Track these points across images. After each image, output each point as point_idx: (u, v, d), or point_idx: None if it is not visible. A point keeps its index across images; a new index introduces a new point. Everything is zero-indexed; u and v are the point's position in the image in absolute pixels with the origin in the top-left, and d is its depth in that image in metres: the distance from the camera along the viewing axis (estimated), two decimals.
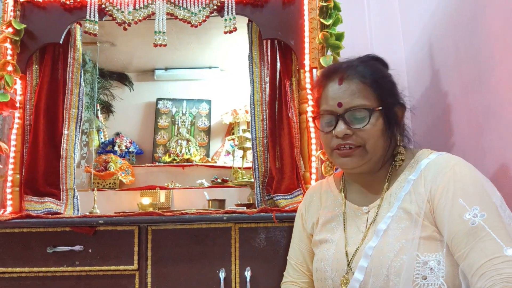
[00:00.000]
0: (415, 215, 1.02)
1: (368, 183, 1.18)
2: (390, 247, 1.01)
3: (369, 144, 1.09)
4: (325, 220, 1.22)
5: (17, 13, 1.82)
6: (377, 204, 1.12)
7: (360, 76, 1.12)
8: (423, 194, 1.04)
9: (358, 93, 1.10)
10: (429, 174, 1.05)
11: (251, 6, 1.81)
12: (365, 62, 1.17)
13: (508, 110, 1.18)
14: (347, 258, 1.10)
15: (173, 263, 1.54)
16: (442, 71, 1.64)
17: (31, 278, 1.55)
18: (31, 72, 1.85)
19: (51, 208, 1.76)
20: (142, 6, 1.83)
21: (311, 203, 1.31)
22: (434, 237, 1.00)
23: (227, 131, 3.04)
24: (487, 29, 1.27)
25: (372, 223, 1.10)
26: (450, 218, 0.97)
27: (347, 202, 1.21)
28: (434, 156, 1.09)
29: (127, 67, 3.00)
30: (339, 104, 1.11)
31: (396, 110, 1.15)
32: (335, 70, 1.16)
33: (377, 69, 1.16)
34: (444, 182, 1.01)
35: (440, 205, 1.00)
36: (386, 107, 1.11)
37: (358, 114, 1.09)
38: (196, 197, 2.36)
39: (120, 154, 2.81)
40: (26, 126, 1.81)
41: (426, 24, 1.77)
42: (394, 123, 1.12)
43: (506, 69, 1.17)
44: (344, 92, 1.11)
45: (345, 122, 1.10)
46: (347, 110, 1.10)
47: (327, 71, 1.19)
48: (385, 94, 1.12)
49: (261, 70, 1.87)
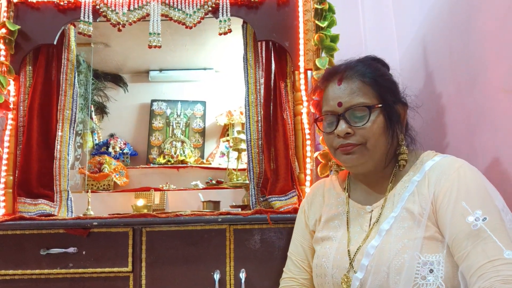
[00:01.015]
0: (418, 215, 1.03)
1: (372, 183, 1.19)
2: (392, 246, 1.02)
3: (370, 143, 1.10)
4: (328, 217, 1.23)
5: (10, 14, 1.81)
6: (381, 204, 1.13)
7: (359, 75, 1.13)
8: (426, 195, 1.05)
9: (357, 91, 1.11)
10: (433, 176, 1.06)
11: (246, 8, 1.81)
12: (364, 62, 1.19)
13: (501, 111, 1.18)
14: (349, 257, 1.10)
15: (167, 265, 1.54)
16: (436, 72, 1.64)
17: (25, 281, 1.54)
18: (25, 73, 1.84)
19: (44, 210, 1.75)
20: (137, 7, 1.82)
21: (314, 200, 1.32)
22: (436, 237, 1.00)
23: (221, 133, 3.03)
24: (481, 30, 1.27)
25: (375, 222, 1.11)
26: (452, 220, 0.98)
27: (350, 201, 1.21)
28: (439, 158, 1.10)
29: (122, 68, 2.99)
30: (339, 103, 1.12)
31: (398, 108, 1.15)
32: (334, 72, 1.18)
33: (376, 68, 1.17)
34: (447, 185, 1.02)
35: (442, 207, 1.01)
36: (387, 105, 1.12)
37: (358, 113, 1.10)
38: (190, 198, 2.35)
39: (114, 156, 2.80)
40: (19, 128, 1.80)
41: (420, 25, 1.78)
42: (395, 121, 1.13)
43: (500, 70, 1.18)
44: (343, 91, 1.13)
45: (346, 121, 1.11)
46: (347, 109, 1.11)
47: (326, 74, 1.20)
48: (384, 92, 1.13)
49: (256, 71, 1.87)
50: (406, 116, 1.19)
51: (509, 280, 0.87)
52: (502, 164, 1.19)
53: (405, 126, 1.20)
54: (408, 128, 1.21)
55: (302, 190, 1.71)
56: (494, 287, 0.87)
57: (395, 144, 1.15)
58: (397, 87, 1.19)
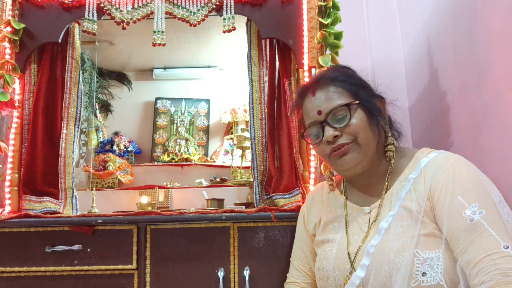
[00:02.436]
0: (416, 212, 1.04)
1: (368, 184, 1.19)
2: (392, 245, 1.02)
3: (360, 137, 1.11)
4: (327, 220, 1.24)
5: (15, 12, 1.81)
6: (379, 204, 1.14)
7: (330, 81, 1.17)
8: (423, 192, 1.05)
9: (332, 95, 1.15)
10: (429, 172, 1.07)
11: (250, 5, 1.81)
12: (331, 69, 1.25)
13: (506, 109, 1.18)
14: (349, 258, 1.11)
15: (172, 262, 1.54)
16: (441, 70, 1.64)
17: (30, 278, 1.54)
18: (30, 71, 1.85)
19: (49, 207, 1.75)
20: (141, 5, 1.82)
21: (313, 204, 1.33)
22: (435, 234, 1.01)
23: (226, 131, 3.04)
24: (486, 28, 1.27)
25: (374, 222, 1.12)
26: (449, 215, 0.98)
27: (348, 203, 1.22)
28: (434, 155, 1.10)
29: (126, 66, 3.00)
30: (319, 112, 1.15)
31: (375, 102, 1.17)
32: (306, 87, 1.23)
33: (343, 71, 1.21)
34: (443, 180, 1.03)
35: (439, 202, 1.02)
36: (364, 100, 1.14)
37: (339, 114, 1.13)
38: (195, 196, 2.36)
39: (119, 154, 2.81)
40: (24, 126, 1.81)
41: (425, 23, 1.77)
42: (377, 114, 1.15)
43: (504, 69, 1.17)
44: (319, 100, 1.16)
45: (330, 125, 1.13)
46: (327, 114, 1.14)
47: (299, 92, 1.25)
48: (358, 90, 1.16)
49: (260, 69, 1.87)
50: (386, 109, 1.21)
51: (508, 273, 0.87)
52: (508, 162, 1.18)
53: (389, 121, 1.21)
54: (392, 122, 1.23)
55: (306, 188, 1.70)
56: (493, 280, 0.88)
57: (383, 138, 1.17)
58: (368, 85, 1.21)
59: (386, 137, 1.17)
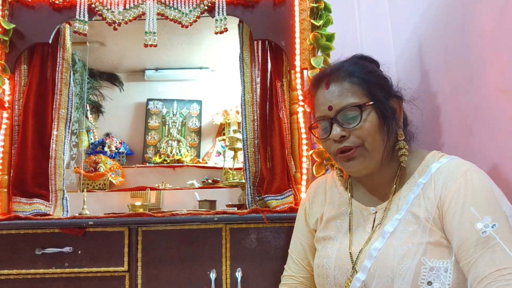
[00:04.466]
0: (424, 219, 1.01)
1: (375, 184, 1.16)
2: (396, 250, 1.00)
3: (367, 142, 1.07)
4: (330, 217, 1.20)
5: (5, 13, 1.80)
6: (385, 206, 1.11)
7: (346, 75, 1.11)
8: (432, 199, 1.02)
9: (346, 92, 1.09)
10: (440, 179, 1.03)
11: (242, 7, 1.81)
12: (349, 61, 1.16)
13: (497, 111, 1.19)
14: (351, 259, 1.08)
15: (163, 264, 1.54)
16: (432, 72, 1.65)
17: (20, 281, 1.53)
18: (20, 72, 1.84)
19: (40, 209, 1.74)
20: (133, 6, 1.82)
21: (315, 198, 1.29)
22: (442, 243, 0.98)
23: (218, 132, 3.03)
24: (477, 30, 1.28)
25: (379, 224, 1.09)
26: (460, 226, 0.95)
27: (353, 201, 1.19)
28: (445, 160, 1.07)
29: (117, 67, 2.98)
30: (330, 107, 1.10)
31: (391, 103, 1.12)
32: (321, 76, 1.16)
33: (363, 66, 1.14)
34: (455, 189, 0.99)
35: (449, 212, 0.98)
36: (378, 101, 1.09)
37: (349, 114, 1.08)
38: (186, 198, 2.36)
39: (110, 155, 2.79)
40: (14, 127, 1.79)
41: (416, 25, 1.78)
42: (390, 117, 1.10)
43: (496, 70, 1.18)
44: (332, 94, 1.10)
45: (339, 124, 1.08)
46: (338, 111, 1.09)
47: (314, 80, 1.18)
48: (374, 89, 1.10)
49: (252, 70, 1.87)
50: (402, 110, 1.16)
51: None
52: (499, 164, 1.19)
53: (404, 121, 1.17)
54: (407, 123, 1.18)
55: (298, 189, 1.71)
56: None
57: (393, 141, 1.11)
58: (387, 82, 1.16)
59: (397, 140, 1.12)
